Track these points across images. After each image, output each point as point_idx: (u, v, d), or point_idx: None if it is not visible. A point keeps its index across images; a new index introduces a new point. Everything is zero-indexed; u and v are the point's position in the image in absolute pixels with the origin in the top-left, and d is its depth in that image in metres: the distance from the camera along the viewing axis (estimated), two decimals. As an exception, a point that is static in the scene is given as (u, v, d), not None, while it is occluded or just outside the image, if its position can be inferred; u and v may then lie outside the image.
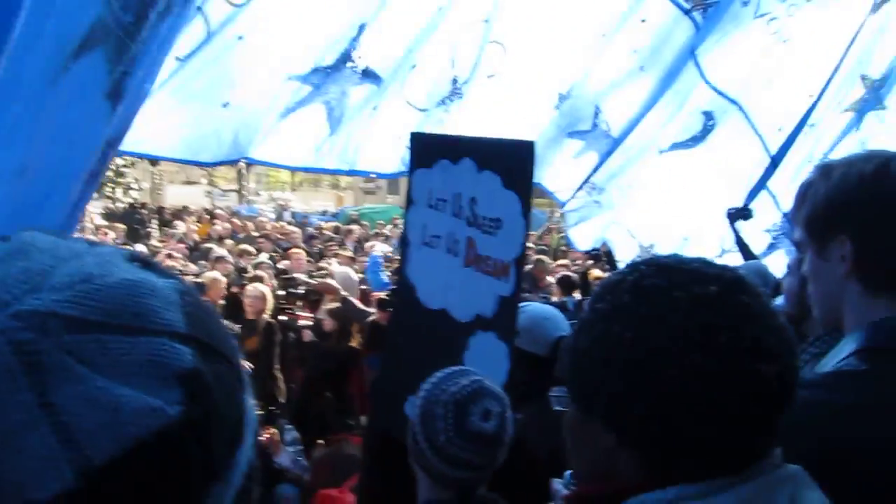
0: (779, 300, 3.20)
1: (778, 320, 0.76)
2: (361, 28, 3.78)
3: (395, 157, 4.59)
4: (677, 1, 4.60)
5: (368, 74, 4.04)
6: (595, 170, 5.34)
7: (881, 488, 1.02)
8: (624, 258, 5.91)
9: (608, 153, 5.24)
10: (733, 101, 5.09)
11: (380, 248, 11.21)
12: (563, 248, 12.63)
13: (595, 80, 4.99)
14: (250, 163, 4.27)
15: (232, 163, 4.24)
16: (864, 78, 5.11)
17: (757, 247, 6.04)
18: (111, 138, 1.55)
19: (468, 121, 4.66)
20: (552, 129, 5.26)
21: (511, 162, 2.75)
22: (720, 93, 5.02)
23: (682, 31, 4.68)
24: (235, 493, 0.46)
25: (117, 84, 1.39)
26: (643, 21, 4.67)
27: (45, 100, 1.15)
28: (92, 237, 7.77)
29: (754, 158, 5.25)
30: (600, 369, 0.77)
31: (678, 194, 5.74)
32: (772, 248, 6.19)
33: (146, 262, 0.48)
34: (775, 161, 4.86)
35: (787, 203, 5.80)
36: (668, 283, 0.76)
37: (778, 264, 5.85)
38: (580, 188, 5.66)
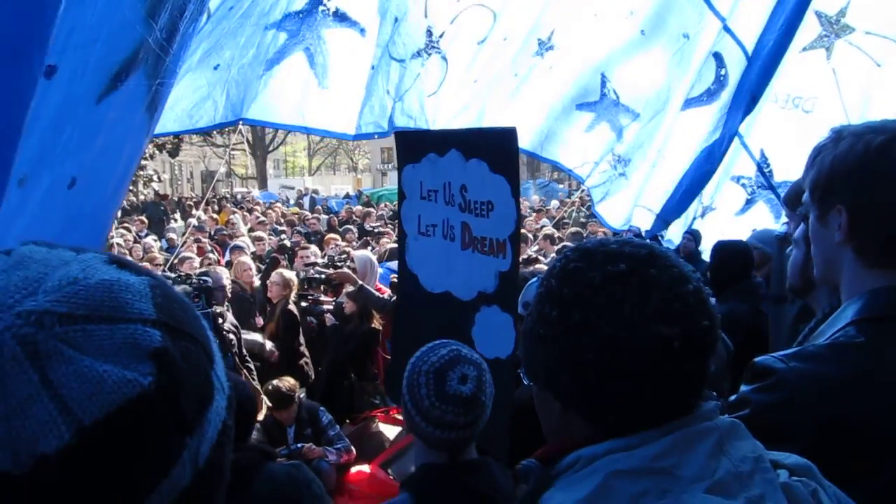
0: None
1: (686, 287, 0.84)
2: None
3: (383, 117, 4.59)
4: None
5: (341, 17, 4.15)
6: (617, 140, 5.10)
7: (876, 460, 1.04)
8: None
9: (619, 125, 5.13)
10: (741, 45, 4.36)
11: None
12: (583, 220, 12.52)
13: (597, 48, 4.80)
14: (246, 123, 4.34)
15: (229, 125, 4.33)
16: (819, 15, 4.71)
17: (734, 204, 5.81)
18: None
19: (453, 82, 4.63)
20: (560, 104, 5.12)
21: (495, 148, 2.92)
22: (734, 36, 4.30)
23: None
24: (210, 446, 0.56)
25: (154, 95, 1.50)
26: None
27: (93, 118, 1.26)
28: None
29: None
30: (538, 346, 0.89)
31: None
32: (749, 203, 5.87)
33: (122, 264, 0.59)
34: (755, 97, 4.53)
35: (757, 149, 5.53)
36: (586, 265, 0.87)
37: (760, 219, 5.60)
38: (599, 162, 5.46)
